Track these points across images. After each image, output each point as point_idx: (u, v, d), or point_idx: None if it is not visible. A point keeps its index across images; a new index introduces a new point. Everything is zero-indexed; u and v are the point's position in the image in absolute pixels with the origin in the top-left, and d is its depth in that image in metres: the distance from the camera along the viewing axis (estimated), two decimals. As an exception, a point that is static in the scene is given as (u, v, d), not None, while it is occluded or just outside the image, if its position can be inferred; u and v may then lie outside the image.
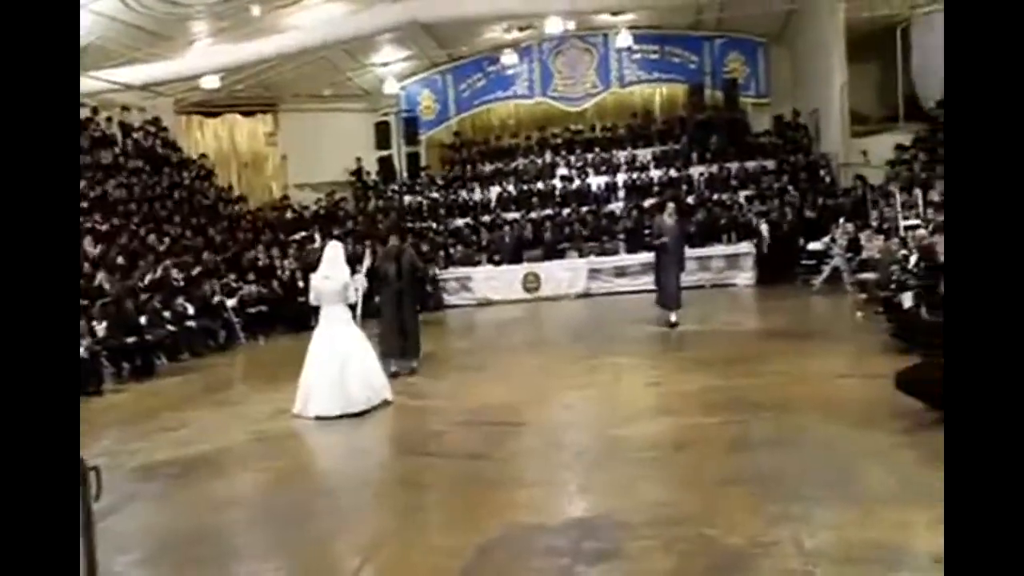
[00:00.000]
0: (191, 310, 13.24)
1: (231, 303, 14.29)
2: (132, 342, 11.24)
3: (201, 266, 15.07)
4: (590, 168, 21.08)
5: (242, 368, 12.35)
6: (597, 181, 20.65)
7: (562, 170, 21.14)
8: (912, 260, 9.85)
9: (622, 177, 20.58)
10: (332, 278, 7.65)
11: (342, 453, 6.67)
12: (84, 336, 10.05)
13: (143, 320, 11.83)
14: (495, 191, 21.02)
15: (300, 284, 14.78)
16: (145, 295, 12.64)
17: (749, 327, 11.79)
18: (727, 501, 4.42)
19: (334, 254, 7.84)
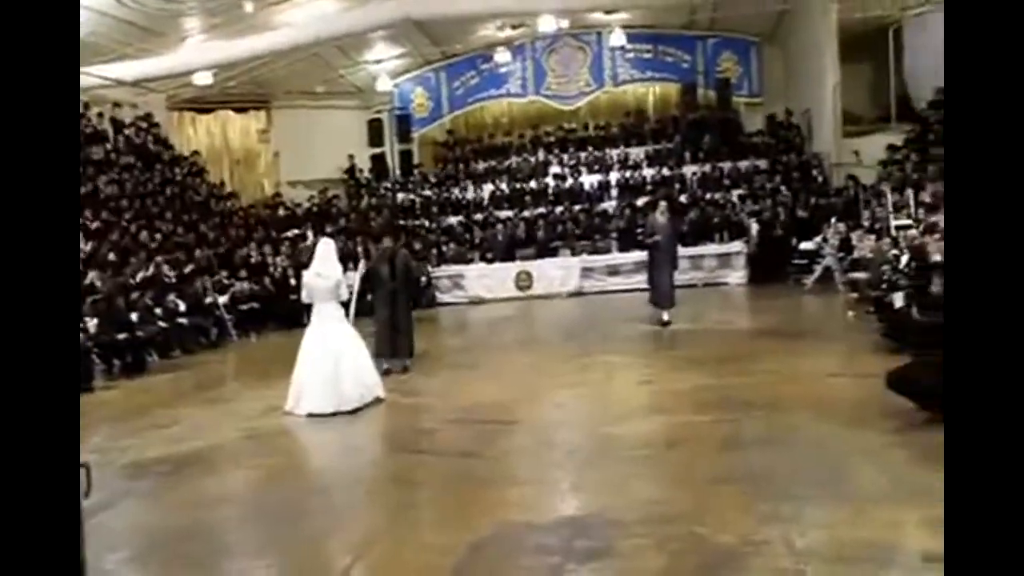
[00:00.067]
0: (183, 307, 13.20)
1: (223, 300, 14.25)
2: (123, 339, 11.22)
3: (193, 263, 15.03)
4: (583, 167, 21.07)
5: (234, 365, 12.32)
6: (590, 180, 20.63)
7: (555, 168, 21.13)
8: (903, 260, 9.88)
9: (615, 176, 20.57)
10: (324, 276, 7.63)
11: (334, 450, 6.66)
12: (75, 332, 10.01)
13: (134, 317, 11.80)
14: (488, 189, 20.98)
15: (292, 281, 14.77)
16: (136, 292, 12.59)
17: (741, 326, 11.82)
18: (718, 500, 4.43)
19: (326, 251, 7.81)
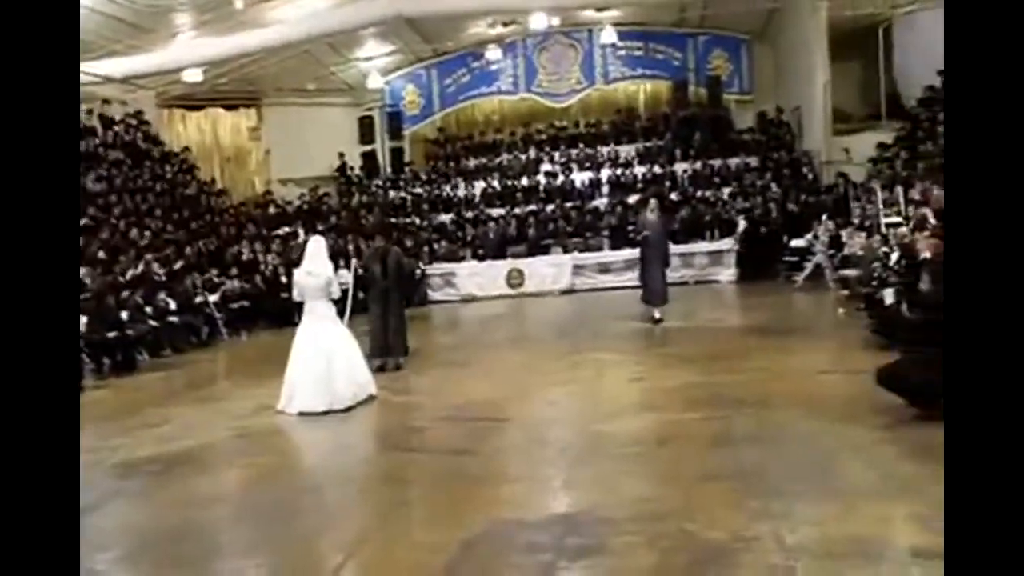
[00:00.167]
0: (173, 305, 13.15)
1: (213, 299, 14.21)
2: (113, 337, 11.17)
3: (183, 260, 14.97)
4: (574, 164, 21.08)
5: (225, 364, 12.29)
6: (581, 177, 20.65)
7: (546, 166, 21.13)
8: (893, 257, 9.91)
9: (606, 173, 20.60)
10: (315, 274, 7.60)
11: (325, 449, 6.65)
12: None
13: (124, 315, 11.74)
14: (479, 187, 20.97)
15: (283, 280, 14.74)
16: (126, 290, 12.54)
17: (732, 323, 11.84)
18: (709, 496, 4.44)
19: (316, 249, 7.77)
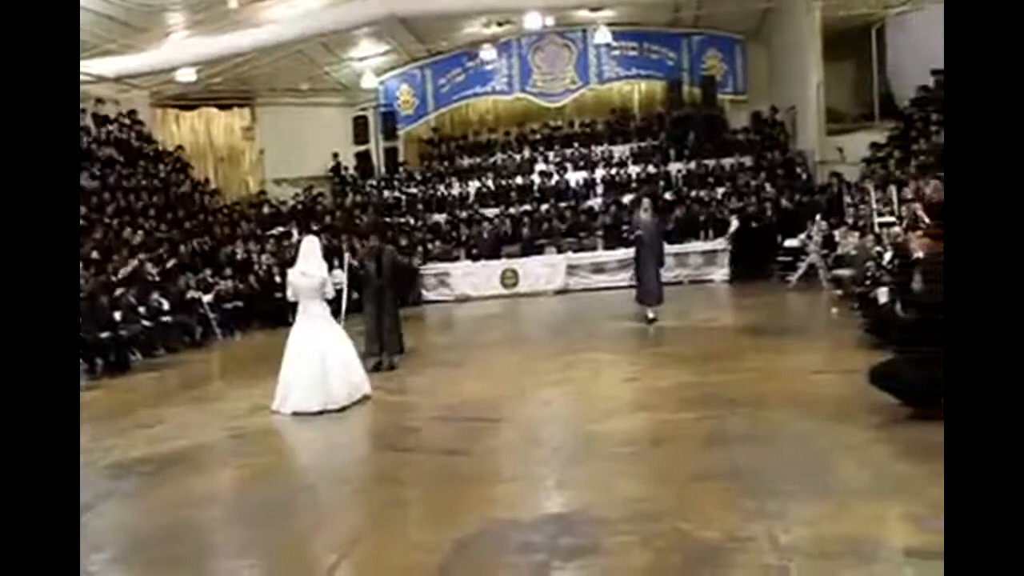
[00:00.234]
0: (166, 305, 13.12)
1: (207, 298, 14.17)
2: (106, 337, 11.13)
3: (177, 260, 14.94)
4: (568, 164, 21.09)
5: (218, 364, 12.25)
6: (575, 177, 20.66)
7: (541, 166, 21.13)
8: (887, 257, 9.94)
9: (600, 173, 20.62)
10: (309, 274, 7.58)
11: (320, 449, 6.64)
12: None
13: (117, 315, 11.71)
14: (473, 186, 20.97)
15: (277, 280, 14.70)
16: (119, 290, 12.50)
17: (726, 323, 11.85)
18: (703, 496, 4.44)
19: (310, 249, 7.75)
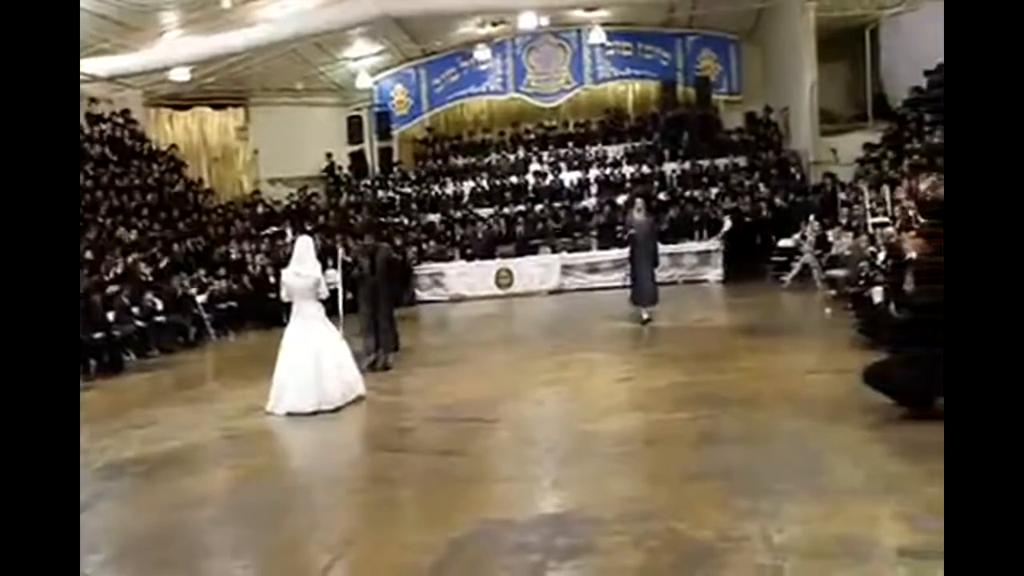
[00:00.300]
0: (160, 305, 13.09)
1: (201, 299, 14.14)
2: (99, 338, 11.09)
3: (170, 260, 14.90)
4: (563, 164, 21.07)
5: (212, 364, 12.24)
6: (570, 177, 20.64)
7: (535, 166, 21.09)
8: (880, 257, 9.96)
9: (594, 173, 20.61)
10: (303, 275, 7.58)
11: (314, 449, 6.63)
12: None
13: (111, 316, 11.68)
14: (468, 186, 20.94)
15: (271, 280, 14.68)
16: (113, 288, 12.46)
17: (720, 323, 11.87)
18: (697, 496, 4.45)
19: (304, 249, 7.76)
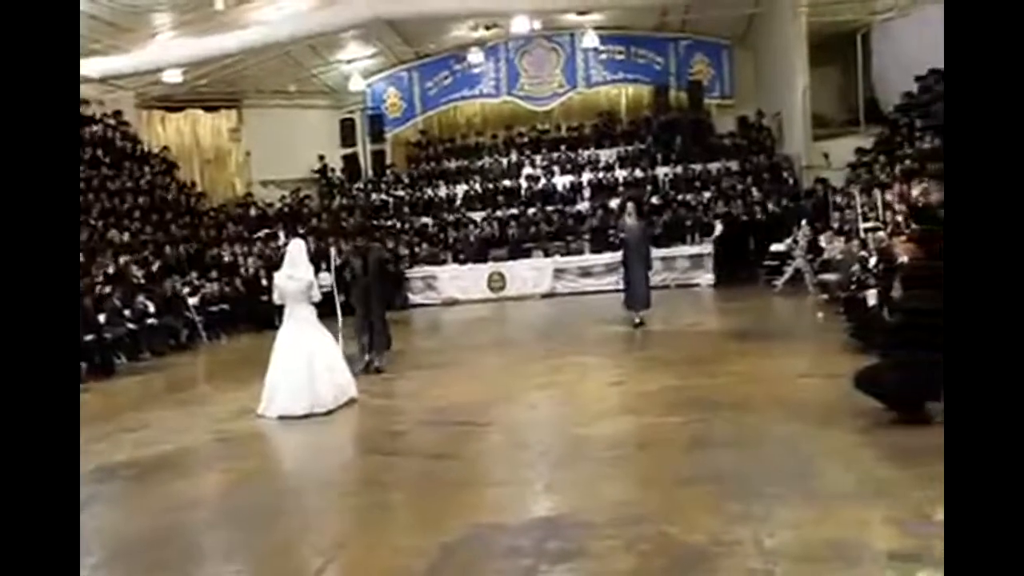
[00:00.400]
0: (152, 308, 13.05)
1: (193, 301, 14.11)
2: (90, 340, 11.04)
3: (162, 262, 14.86)
4: (556, 167, 21.10)
5: (204, 367, 12.21)
6: (563, 181, 20.68)
7: (528, 169, 21.14)
8: (872, 261, 10.01)
9: (587, 177, 20.64)
10: (296, 277, 7.58)
11: (306, 453, 6.62)
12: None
13: (102, 318, 11.64)
14: (461, 190, 20.96)
15: (263, 282, 14.65)
16: (104, 289, 12.42)
17: (712, 327, 11.90)
18: (688, 500, 4.46)
19: (297, 252, 7.76)
